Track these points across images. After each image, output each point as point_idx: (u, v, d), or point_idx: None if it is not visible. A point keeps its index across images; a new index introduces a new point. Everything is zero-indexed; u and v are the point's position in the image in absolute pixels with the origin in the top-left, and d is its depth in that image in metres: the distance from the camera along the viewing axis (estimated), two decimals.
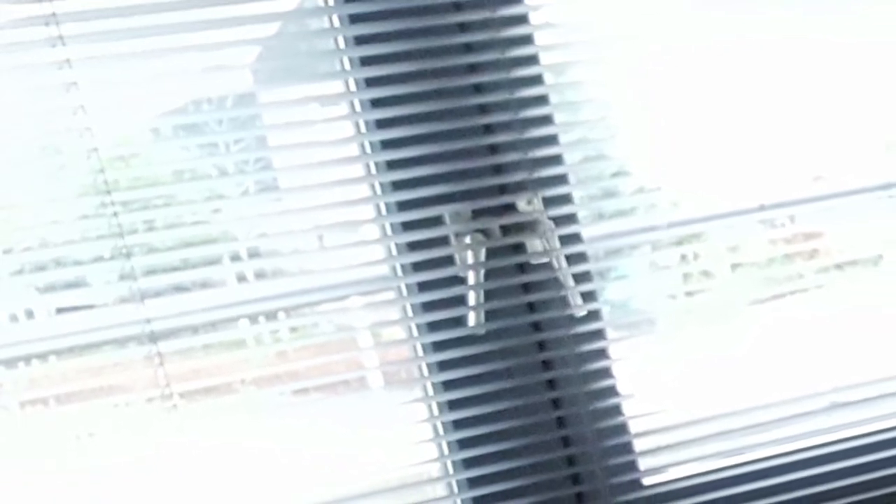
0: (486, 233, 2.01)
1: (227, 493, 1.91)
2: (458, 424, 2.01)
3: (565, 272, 2.04)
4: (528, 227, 2.03)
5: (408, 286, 2.00)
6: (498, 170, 2.03)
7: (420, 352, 2.02)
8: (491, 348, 2.01)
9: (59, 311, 1.90)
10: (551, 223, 2.03)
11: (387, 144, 1.98)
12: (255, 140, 2.03)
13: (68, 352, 1.88)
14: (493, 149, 2.02)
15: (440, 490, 2.04)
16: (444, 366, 2.00)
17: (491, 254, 2.01)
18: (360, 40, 1.97)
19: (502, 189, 2.03)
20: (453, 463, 2.02)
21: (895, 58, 2.20)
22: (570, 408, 2.05)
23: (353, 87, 1.99)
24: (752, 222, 2.18)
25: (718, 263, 2.20)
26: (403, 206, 1.99)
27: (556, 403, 2.06)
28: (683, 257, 2.21)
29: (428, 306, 2.00)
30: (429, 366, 2.01)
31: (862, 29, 2.18)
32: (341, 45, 2.00)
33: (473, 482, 2.01)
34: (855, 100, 2.19)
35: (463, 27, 2.01)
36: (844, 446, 2.17)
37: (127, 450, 1.90)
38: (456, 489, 2.03)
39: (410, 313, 2.01)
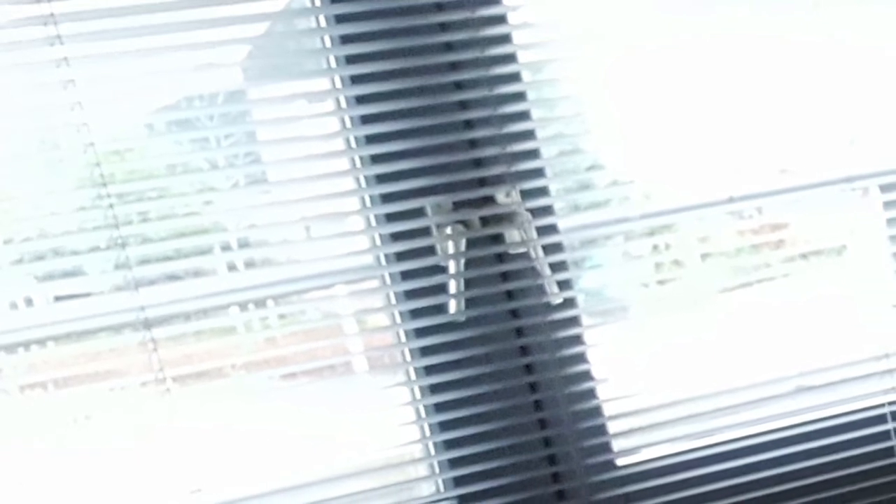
0: (466, 224, 2.02)
1: (218, 473, 1.92)
2: (439, 408, 2.03)
3: (542, 262, 2.05)
4: (507, 218, 2.04)
5: (391, 275, 2.02)
6: (478, 163, 2.04)
7: (403, 338, 2.03)
8: (471, 334, 2.03)
9: (57, 298, 1.90)
10: (529, 215, 2.05)
11: (371, 139, 1.99)
12: (245, 135, 2.02)
13: (66, 338, 1.89)
14: (473, 143, 2.03)
15: (422, 470, 2.06)
16: (425, 351, 2.02)
17: (471, 244, 2.03)
18: (346, 39, 1.98)
19: (482, 182, 2.04)
20: (435, 444, 2.04)
21: (858, 56, 2.20)
22: (547, 392, 2.08)
23: (338, 85, 1.99)
24: (721, 214, 2.19)
25: (689, 253, 2.21)
26: (387, 198, 2.00)
27: (533, 387, 2.08)
28: (655, 247, 2.22)
29: (410, 294, 2.01)
30: (411, 351, 2.03)
31: (826, 29, 2.19)
32: (328, 43, 2.00)
33: (454, 463, 2.04)
34: (819, 96, 2.19)
35: (444, 27, 2.01)
36: (809, 428, 2.20)
37: (122, 431, 1.91)
38: (437, 470, 2.05)
39: (394, 301, 2.02)
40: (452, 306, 2.03)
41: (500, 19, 2.05)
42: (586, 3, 2.09)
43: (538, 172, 2.07)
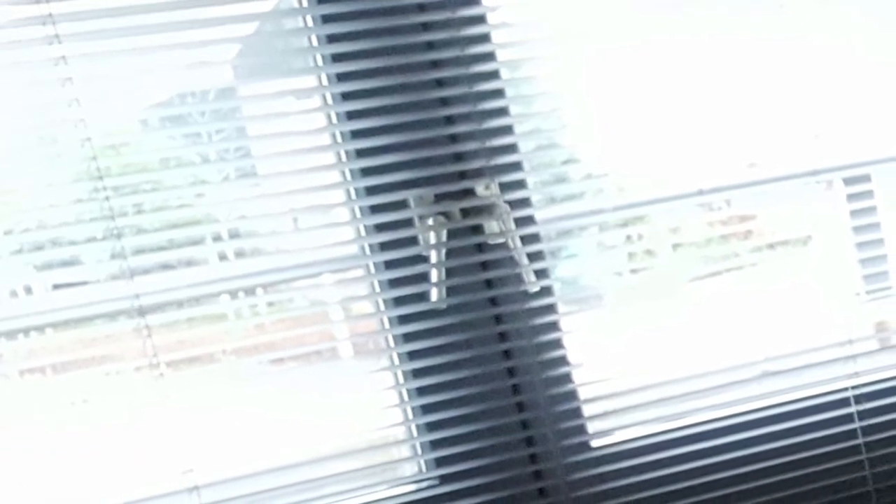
0: (447, 215, 2.05)
1: (209, 454, 1.94)
2: (421, 391, 2.06)
3: (520, 251, 2.08)
4: (486, 210, 2.07)
5: (375, 264, 2.05)
6: (458, 157, 2.06)
7: (386, 324, 2.06)
8: (452, 321, 2.06)
9: (56, 287, 1.92)
10: (507, 206, 2.07)
11: (356, 134, 2.01)
12: (235, 130, 2.04)
13: (64, 325, 1.91)
14: (454, 138, 2.06)
15: (405, 451, 2.09)
16: (408, 337, 2.05)
17: (452, 235, 2.05)
18: (332, 38, 1.99)
19: (462, 175, 2.06)
20: (417, 427, 2.08)
21: (822, 55, 2.22)
22: (525, 376, 2.10)
23: (325, 82, 2.00)
24: (692, 205, 2.21)
25: (660, 243, 2.23)
26: (371, 190, 2.02)
27: (511, 372, 2.11)
28: (628, 238, 2.24)
29: (394, 283, 2.04)
30: (395, 337, 2.06)
31: (791, 29, 2.20)
32: (314, 42, 2.01)
33: (435, 444, 2.07)
34: (786, 93, 2.20)
35: (426, 26, 2.03)
36: (775, 412, 2.23)
37: (117, 414, 1.93)
38: (419, 451, 2.09)
39: (378, 289, 2.05)
40: (434, 294, 2.05)
41: (480, 19, 2.07)
42: (563, 3, 2.10)
43: (516, 166, 2.09)
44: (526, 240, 2.10)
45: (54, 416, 1.92)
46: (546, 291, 2.12)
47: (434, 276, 2.05)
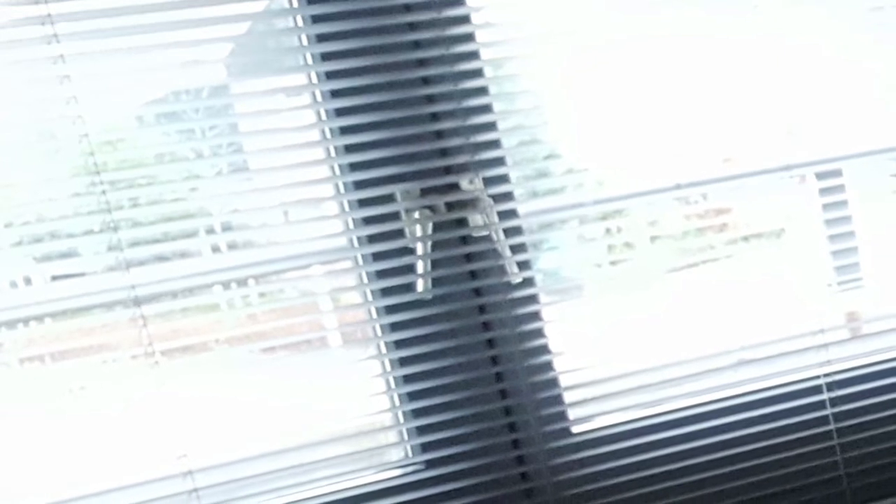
0: (432, 209, 2.07)
1: (203, 440, 1.97)
2: (407, 379, 2.09)
3: (503, 244, 2.11)
4: (470, 203, 2.09)
5: (363, 256, 2.07)
6: (443, 153, 2.08)
7: (374, 314, 2.09)
8: (437, 311, 2.09)
9: (54, 278, 1.94)
10: (491, 200, 2.09)
11: (345, 130, 2.03)
12: (228, 126, 2.05)
13: (62, 314, 1.93)
14: (439, 134, 2.08)
15: (392, 437, 2.12)
16: (395, 327, 2.08)
17: (437, 227, 2.08)
18: (322, 38, 2.01)
19: (447, 170, 2.09)
20: (403, 413, 2.10)
21: (795, 54, 2.23)
22: (508, 364, 2.13)
23: (315, 80, 2.03)
24: (669, 199, 2.23)
25: (639, 236, 2.25)
26: (359, 185, 2.05)
27: (495, 360, 2.14)
28: (608, 230, 2.26)
29: (381, 274, 2.07)
30: (382, 327, 2.08)
31: (765, 28, 2.21)
32: (305, 42, 2.03)
33: (421, 430, 2.10)
34: (760, 90, 2.22)
35: (412, 26, 2.05)
36: (750, 399, 2.26)
37: (113, 401, 1.95)
38: (406, 437, 2.11)
39: (366, 280, 2.08)
40: (420, 285, 2.08)
41: (465, 19, 2.09)
42: (545, 4, 2.11)
43: (499, 161, 2.12)
44: (509, 232, 2.12)
45: (53, 402, 1.93)
46: (528, 282, 2.15)
47: (420, 267, 2.08)
